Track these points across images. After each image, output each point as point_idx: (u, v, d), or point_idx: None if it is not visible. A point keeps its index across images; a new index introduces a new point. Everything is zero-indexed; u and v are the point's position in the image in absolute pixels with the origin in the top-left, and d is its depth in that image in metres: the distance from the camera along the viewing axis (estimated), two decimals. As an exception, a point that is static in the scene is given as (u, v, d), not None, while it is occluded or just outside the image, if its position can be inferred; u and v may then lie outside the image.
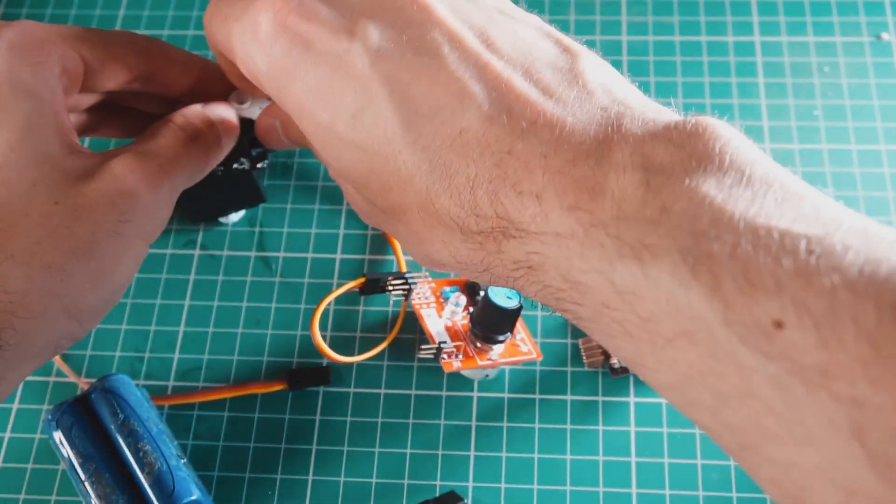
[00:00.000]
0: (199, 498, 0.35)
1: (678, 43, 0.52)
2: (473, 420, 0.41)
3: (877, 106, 0.49)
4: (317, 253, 0.45)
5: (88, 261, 0.30)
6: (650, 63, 0.51)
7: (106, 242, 0.30)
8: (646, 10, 0.53)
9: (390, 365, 0.42)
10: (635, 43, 0.52)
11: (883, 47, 0.51)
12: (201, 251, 0.46)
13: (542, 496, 0.39)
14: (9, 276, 0.28)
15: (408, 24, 0.27)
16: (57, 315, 0.29)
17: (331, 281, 0.44)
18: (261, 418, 0.41)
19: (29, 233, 0.29)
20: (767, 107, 0.49)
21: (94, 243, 0.30)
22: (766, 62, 0.51)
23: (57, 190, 0.29)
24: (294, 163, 0.48)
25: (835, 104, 0.49)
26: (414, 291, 0.38)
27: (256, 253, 0.46)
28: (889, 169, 0.47)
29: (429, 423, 0.41)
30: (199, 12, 0.54)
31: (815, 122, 0.48)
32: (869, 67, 0.50)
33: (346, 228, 0.46)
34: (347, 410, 0.41)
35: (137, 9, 0.54)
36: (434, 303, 0.38)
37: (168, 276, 0.45)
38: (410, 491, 0.39)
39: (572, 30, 0.52)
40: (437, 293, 0.39)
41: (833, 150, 0.47)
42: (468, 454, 0.40)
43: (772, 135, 0.48)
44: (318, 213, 0.47)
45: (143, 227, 0.32)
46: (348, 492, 0.39)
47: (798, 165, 0.47)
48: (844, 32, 0.51)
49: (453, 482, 0.39)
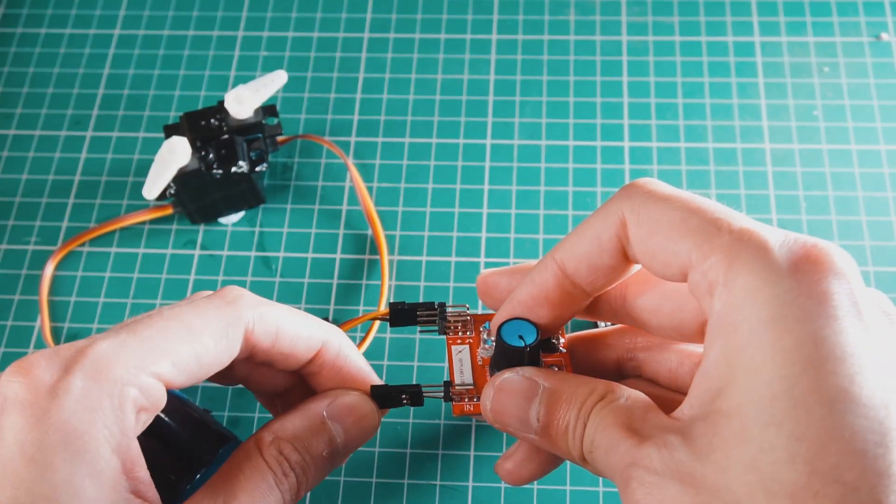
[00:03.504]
0: (239, 440, 0.35)
1: (678, 43, 0.52)
2: (473, 420, 0.41)
3: (876, 106, 0.49)
4: (317, 253, 0.46)
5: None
6: (650, 63, 0.51)
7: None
8: (646, 10, 0.53)
9: (390, 365, 0.42)
10: (635, 43, 0.52)
11: (882, 47, 0.51)
12: (201, 251, 0.46)
13: (542, 496, 0.39)
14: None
15: None
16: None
17: (330, 281, 0.44)
18: (261, 417, 0.41)
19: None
20: (767, 107, 0.49)
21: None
22: (765, 62, 0.51)
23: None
24: (294, 163, 0.48)
25: (835, 104, 0.49)
26: (450, 323, 0.33)
27: (256, 253, 0.46)
28: (889, 169, 0.47)
29: (429, 422, 0.41)
30: (200, 12, 0.54)
31: (815, 122, 0.48)
32: (869, 67, 0.50)
33: (346, 229, 0.46)
34: (347, 410, 0.41)
35: (137, 9, 0.55)
36: (472, 338, 0.33)
37: (168, 277, 0.45)
38: (410, 491, 0.39)
39: (572, 30, 0.52)
40: (480, 328, 0.33)
41: (833, 150, 0.47)
42: (468, 454, 0.40)
43: (772, 135, 0.48)
44: (318, 213, 0.47)
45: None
46: (348, 491, 0.39)
47: (798, 165, 0.47)
48: (844, 33, 0.51)
49: (453, 482, 0.39)
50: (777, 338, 0.22)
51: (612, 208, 0.27)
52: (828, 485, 0.21)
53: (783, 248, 0.23)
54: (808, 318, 0.22)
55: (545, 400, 0.27)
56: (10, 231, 0.47)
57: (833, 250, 0.23)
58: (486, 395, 0.29)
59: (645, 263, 0.27)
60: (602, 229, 0.27)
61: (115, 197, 0.48)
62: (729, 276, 0.23)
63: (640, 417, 0.25)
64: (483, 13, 0.53)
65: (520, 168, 0.48)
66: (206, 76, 0.52)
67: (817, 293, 0.22)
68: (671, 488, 0.23)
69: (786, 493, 0.21)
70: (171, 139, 0.43)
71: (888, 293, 0.43)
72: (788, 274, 0.22)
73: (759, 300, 0.22)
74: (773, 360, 0.22)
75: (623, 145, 0.48)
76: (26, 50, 0.53)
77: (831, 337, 0.22)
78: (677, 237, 0.25)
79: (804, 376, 0.21)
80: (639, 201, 0.26)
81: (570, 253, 0.28)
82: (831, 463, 0.21)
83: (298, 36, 0.53)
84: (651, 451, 0.24)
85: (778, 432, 0.21)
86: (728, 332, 0.23)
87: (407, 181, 0.47)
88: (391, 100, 0.50)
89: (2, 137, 0.50)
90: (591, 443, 0.26)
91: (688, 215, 0.25)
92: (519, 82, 0.51)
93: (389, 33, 0.53)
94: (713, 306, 0.24)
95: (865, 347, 0.22)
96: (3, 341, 0.44)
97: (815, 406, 0.21)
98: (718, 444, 0.22)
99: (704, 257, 0.24)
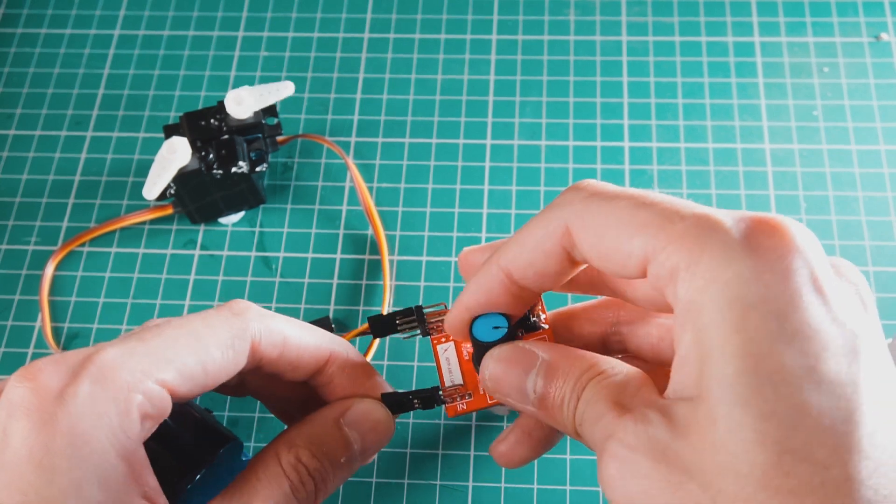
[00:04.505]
0: (240, 440, 0.35)
1: (678, 43, 0.52)
2: (473, 420, 0.41)
3: (876, 106, 0.49)
4: (317, 253, 0.46)
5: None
6: (650, 63, 0.51)
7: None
8: (646, 10, 0.53)
9: (390, 365, 0.42)
10: (635, 43, 0.52)
11: (882, 48, 0.51)
12: (201, 251, 0.46)
13: (541, 496, 0.39)
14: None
15: None
16: None
17: (331, 281, 0.44)
18: (261, 417, 0.41)
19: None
20: (767, 107, 0.49)
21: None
22: (765, 62, 0.51)
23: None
24: (294, 163, 0.48)
25: (834, 104, 0.49)
26: (431, 323, 0.33)
27: (256, 253, 0.46)
28: (889, 169, 0.47)
29: (429, 422, 0.41)
30: (200, 12, 0.54)
31: (814, 122, 0.48)
32: (868, 68, 0.50)
33: (346, 229, 0.46)
34: (347, 410, 0.41)
35: (138, 9, 0.55)
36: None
37: (168, 277, 0.45)
38: (410, 491, 0.39)
39: (572, 30, 0.52)
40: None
41: (833, 150, 0.47)
42: (468, 454, 0.40)
43: (772, 135, 0.48)
44: (318, 213, 0.47)
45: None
46: (349, 491, 0.39)
47: (798, 165, 0.47)
48: (844, 33, 0.51)
49: (453, 482, 0.39)
50: (741, 317, 0.22)
51: (552, 216, 0.27)
52: (798, 463, 0.21)
53: (738, 227, 0.23)
54: (771, 296, 0.22)
55: (543, 372, 0.27)
56: (10, 231, 0.47)
57: (790, 224, 0.23)
58: (486, 366, 0.29)
59: (600, 267, 0.26)
60: (544, 237, 0.27)
61: (116, 197, 0.48)
62: (689, 261, 0.23)
63: (632, 393, 0.25)
64: (483, 13, 0.53)
65: (520, 168, 0.48)
66: (206, 76, 0.52)
67: (779, 270, 0.22)
68: (643, 464, 0.23)
69: (756, 473, 0.21)
70: (171, 139, 0.43)
71: (888, 293, 0.43)
72: (748, 253, 0.22)
73: (722, 281, 0.22)
74: (738, 339, 0.22)
75: (623, 145, 0.48)
76: (26, 50, 0.53)
77: (795, 314, 0.22)
78: (628, 235, 0.25)
79: (770, 355, 0.21)
80: (581, 206, 0.26)
81: (515, 260, 0.28)
82: (801, 441, 0.21)
83: (298, 36, 0.53)
84: (628, 425, 0.24)
85: (745, 412, 0.21)
86: (695, 316, 0.23)
87: (407, 181, 0.47)
88: (391, 100, 0.50)
89: (2, 137, 0.50)
90: (581, 415, 0.26)
91: (635, 212, 0.24)
92: (519, 82, 0.51)
93: (389, 33, 0.53)
94: (678, 293, 0.24)
95: (830, 323, 0.22)
96: (3, 341, 0.44)
97: (782, 384, 0.21)
98: (694, 426, 0.22)
99: (660, 248, 0.24)
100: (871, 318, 0.23)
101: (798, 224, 0.23)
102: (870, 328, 0.23)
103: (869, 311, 0.24)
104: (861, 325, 0.22)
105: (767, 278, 0.22)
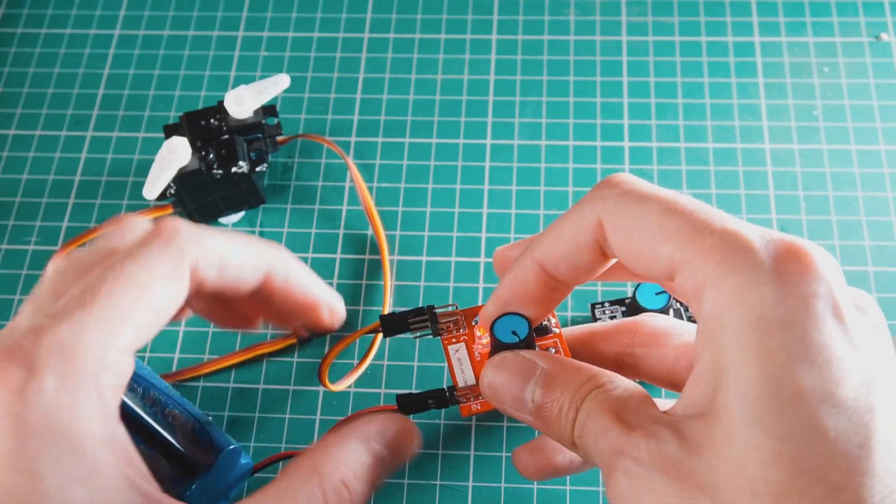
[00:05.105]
0: (237, 447, 0.35)
1: (678, 43, 0.52)
2: (473, 420, 0.41)
3: (876, 106, 0.49)
4: (317, 253, 0.46)
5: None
6: (650, 63, 0.51)
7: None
8: (646, 10, 0.53)
9: (390, 365, 0.42)
10: (635, 43, 0.52)
11: (882, 48, 0.51)
12: (201, 251, 0.46)
13: (541, 496, 0.39)
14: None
15: None
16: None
17: (331, 281, 0.44)
18: (261, 418, 0.41)
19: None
20: (767, 107, 0.49)
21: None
22: (765, 62, 0.51)
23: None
24: (294, 163, 0.48)
25: (834, 104, 0.49)
26: (442, 324, 0.33)
27: (256, 253, 0.46)
28: (889, 169, 0.47)
29: (429, 422, 0.41)
30: (200, 12, 0.54)
31: (814, 123, 0.48)
32: (868, 68, 0.50)
33: (346, 229, 0.46)
34: (348, 411, 0.41)
35: (138, 9, 0.55)
36: (466, 334, 0.33)
37: (168, 277, 0.45)
38: (410, 491, 0.39)
39: (572, 30, 0.52)
40: (472, 322, 0.33)
41: (833, 150, 0.47)
42: (468, 454, 0.40)
43: (772, 135, 0.48)
44: (318, 213, 0.47)
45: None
46: (348, 492, 0.39)
47: (798, 165, 0.47)
48: (844, 33, 0.51)
49: (453, 482, 0.39)
50: (764, 339, 0.22)
51: (586, 210, 0.27)
52: (812, 484, 0.21)
53: (767, 249, 0.23)
54: (794, 320, 0.22)
55: (541, 381, 0.27)
56: (10, 231, 0.47)
57: (814, 250, 0.23)
58: (485, 373, 0.29)
59: (627, 265, 0.26)
60: (579, 230, 0.27)
61: (116, 197, 0.48)
62: (716, 279, 0.23)
63: (633, 409, 0.25)
64: (483, 13, 0.53)
65: (520, 168, 0.48)
66: (206, 76, 0.52)
67: (802, 295, 0.22)
68: (657, 481, 0.23)
69: (771, 492, 0.21)
70: (171, 139, 0.43)
71: (888, 293, 0.43)
72: (773, 275, 0.22)
73: (747, 302, 0.22)
74: (760, 361, 0.22)
75: (623, 145, 0.48)
76: (26, 50, 0.53)
77: (818, 340, 0.22)
78: (658, 241, 0.25)
79: (791, 378, 0.22)
80: (613, 202, 0.26)
81: (549, 253, 0.28)
82: (816, 463, 0.21)
83: (298, 36, 0.53)
84: (640, 441, 0.24)
85: (763, 432, 0.21)
86: (717, 335, 0.23)
87: (407, 181, 0.47)
88: (391, 100, 0.50)
89: (2, 137, 0.50)
90: (582, 427, 0.26)
91: (666, 217, 0.25)
92: (519, 82, 0.51)
93: (389, 33, 0.53)
94: (702, 310, 0.24)
95: (849, 350, 0.22)
96: (4, 341, 0.44)
97: (802, 407, 0.21)
98: (709, 443, 0.22)
99: (689, 261, 0.24)
100: (887, 348, 0.24)
101: (823, 251, 0.23)
102: (886, 357, 0.23)
103: (885, 342, 0.24)
104: (878, 354, 0.23)
105: (791, 303, 0.22)
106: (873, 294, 0.43)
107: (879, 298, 0.43)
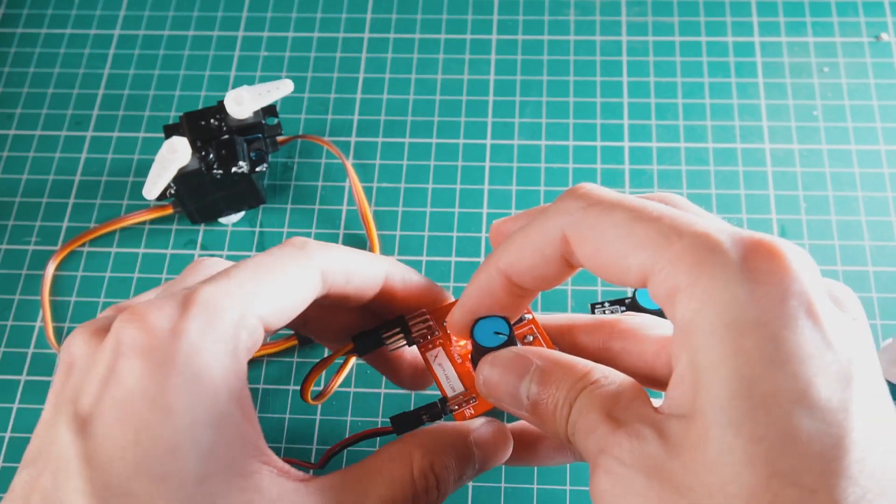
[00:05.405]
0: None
1: (678, 43, 0.52)
2: (473, 420, 0.41)
3: (876, 106, 0.49)
4: (317, 253, 0.46)
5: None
6: (650, 63, 0.51)
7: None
8: (646, 10, 0.53)
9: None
10: (635, 43, 0.52)
11: (882, 48, 0.51)
12: (201, 251, 0.46)
13: (541, 496, 0.39)
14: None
15: None
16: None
17: (331, 281, 0.44)
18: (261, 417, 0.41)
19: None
20: (767, 107, 0.49)
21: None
22: (765, 62, 0.51)
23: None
24: (294, 163, 0.48)
25: (834, 104, 0.49)
26: (417, 333, 0.32)
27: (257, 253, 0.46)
28: (889, 169, 0.47)
29: (429, 423, 0.41)
30: (200, 12, 0.54)
31: (814, 123, 0.48)
32: (868, 68, 0.50)
33: (346, 229, 0.46)
34: (348, 411, 0.41)
35: (138, 9, 0.55)
36: (441, 338, 0.32)
37: (168, 277, 0.45)
38: (410, 491, 0.39)
39: (572, 30, 0.52)
40: (443, 323, 0.32)
41: (833, 150, 0.47)
42: (468, 454, 0.40)
43: (772, 135, 0.48)
44: (318, 214, 0.47)
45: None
46: (348, 492, 0.39)
47: (798, 165, 0.47)
48: (844, 33, 0.51)
49: (453, 482, 0.39)
50: (737, 340, 0.22)
51: (550, 224, 0.26)
52: (786, 487, 0.21)
53: (737, 249, 0.23)
54: (766, 320, 0.22)
55: (537, 378, 0.27)
56: (10, 231, 0.47)
57: (786, 248, 0.23)
58: (480, 371, 0.29)
59: (598, 275, 0.26)
60: (544, 244, 0.27)
61: (116, 197, 0.48)
62: (688, 282, 0.23)
63: (624, 406, 0.25)
64: (483, 13, 0.53)
65: (520, 168, 0.48)
66: (206, 76, 0.52)
67: (775, 294, 0.22)
68: (637, 481, 0.23)
69: (744, 494, 0.21)
70: (171, 139, 0.43)
71: (888, 293, 0.43)
72: (745, 275, 0.22)
73: (719, 303, 0.22)
74: (733, 362, 0.22)
75: (623, 145, 0.48)
76: (26, 50, 0.53)
77: (791, 339, 0.22)
78: (626, 252, 0.24)
79: (764, 378, 0.21)
80: (578, 217, 0.26)
81: (513, 264, 0.28)
82: (789, 465, 0.21)
83: (298, 36, 0.53)
84: (623, 440, 0.24)
85: (737, 433, 0.21)
86: (692, 337, 0.23)
87: (407, 181, 0.47)
88: (391, 100, 0.50)
89: (2, 137, 0.50)
90: (574, 424, 0.26)
91: (633, 227, 0.24)
92: (519, 82, 0.51)
93: (389, 33, 0.53)
94: (676, 314, 0.24)
95: (823, 349, 0.22)
96: (3, 341, 0.44)
97: (775, 408, 0.21)
98: (687, 445, 0.22)
99: (659, 268, 0.24)
100: (865, 344, 0.23)
101: (795, 248, 0.23)
102: (864, 355, 0.23)
103: (864, 337, 0.24)
104: (855, 352, 0.22)
105: (763, 302, 0.22)
106: (873, 294, 0.43)
107: (879, 298, 0.43)
